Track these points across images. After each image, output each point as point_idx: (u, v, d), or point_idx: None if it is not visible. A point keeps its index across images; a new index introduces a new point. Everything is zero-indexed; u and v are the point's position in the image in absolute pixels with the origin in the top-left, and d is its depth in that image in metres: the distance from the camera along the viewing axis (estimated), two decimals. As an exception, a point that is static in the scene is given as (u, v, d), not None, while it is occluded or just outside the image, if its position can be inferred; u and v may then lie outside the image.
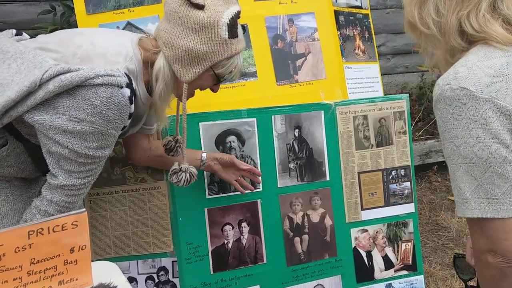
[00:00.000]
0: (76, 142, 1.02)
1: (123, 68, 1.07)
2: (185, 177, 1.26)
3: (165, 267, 1.58)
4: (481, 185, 0.83)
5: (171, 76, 1.15)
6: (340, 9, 1.89)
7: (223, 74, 1.17)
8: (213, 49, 1.10)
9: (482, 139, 0.82)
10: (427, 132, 3.40)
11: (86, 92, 1.01)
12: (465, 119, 0.83)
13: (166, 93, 1.16)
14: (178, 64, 1.12)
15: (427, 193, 3.09)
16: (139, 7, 1.68)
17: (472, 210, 0.84)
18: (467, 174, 0.85)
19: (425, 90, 3.52)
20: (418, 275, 1.83)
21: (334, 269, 1.73)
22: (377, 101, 1.78)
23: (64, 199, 1.08)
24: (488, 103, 0.81)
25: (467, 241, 1.18)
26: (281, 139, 1.66)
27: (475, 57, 0.86)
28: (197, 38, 1.09)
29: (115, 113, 1.03)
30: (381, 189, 1.79)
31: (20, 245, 0.80)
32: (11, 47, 1.08)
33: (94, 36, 1.17)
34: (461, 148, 0.84)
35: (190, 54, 1.10)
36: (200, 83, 1.19)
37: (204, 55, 1.11)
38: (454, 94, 0.83)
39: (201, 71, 1.13)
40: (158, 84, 1.14)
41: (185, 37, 1.09)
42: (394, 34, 3.91)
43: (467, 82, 0.83)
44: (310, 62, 1.80)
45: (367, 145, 1.76)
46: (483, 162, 0.82)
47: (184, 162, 1.27)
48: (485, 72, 0.83)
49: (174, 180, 1.27)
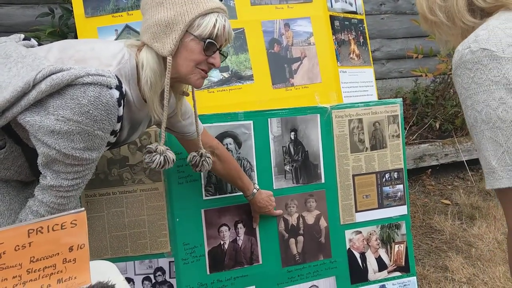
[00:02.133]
0: (63, 143, 1.02)
1: (114, 70, 1.07)
2: (159, 159, 1.19)
3: (162, 268, 1.59)
4: (507, 151, 0.77)
5: (155, 59, 1.12)
6: (335, 14, 1.92)
7: (204, 34, 1.11)
8: (180, 10, 1.09)
9: (506, 99, 0.76)
10: (421, 136, 3.44)
11: (74, 91, 1.01)
12: (487, 81, 0.78)
13: (153, 79, 1.12)
14: (156, 42, 1.11)
15: (420, 196, 3.11)
16: (138, 10, 1.69)
17: (500, 180, 0.78)
18: (491, 141, 0.79)
19: (419, 94, 3.56)
20: (411, 277, 1.86)
21: (329, 270, 1.75)
22: (371, 105, 1.81)
23: (53, 200, 1.08)
24: (510, 62, 0.77)
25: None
26: (277, 141, 1.68)
27: (496, 21, 0.83)
28: (163, 8, 1.10)
29: (102, 113, 1.03)
30: (375, 191, 1.81)
31: (20, 243, 0.81)
32: (15, 51, 1.09)
33: (96, 43, 1.18)
34: (483, 112, 0.79)
35: (160, 25, 1.09)
36: (188, 54, 1.13)
37: (174, 20, 1.09)
38: (475, 56, 0.79)
39: (177, 36, 1.09)
40: (143, 71, 1.12)
41: (153, 14, 1.11)
42: (389, 39, 3.95)
43: (488, 43, 0.79)
44: (305, 66, 1.82)
45: (361, 148, 1.79)
46: (508, 125, 0.77)
47: (161, 143, 1.20)
48: (506, 33, 0.79)
49: (146, 160, 1.20)
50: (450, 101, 3.50)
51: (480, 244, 2.51)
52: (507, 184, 0.77)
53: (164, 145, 1.21)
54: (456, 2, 0.89)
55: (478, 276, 2.22)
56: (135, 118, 1.21)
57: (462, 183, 3.33)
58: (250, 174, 1.64)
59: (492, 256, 2.38)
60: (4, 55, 1.08)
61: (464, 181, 3.35)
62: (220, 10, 1.14)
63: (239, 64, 1.74)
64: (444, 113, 3.49)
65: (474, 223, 2.72)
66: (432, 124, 3.45)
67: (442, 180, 3.35)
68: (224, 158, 1.49)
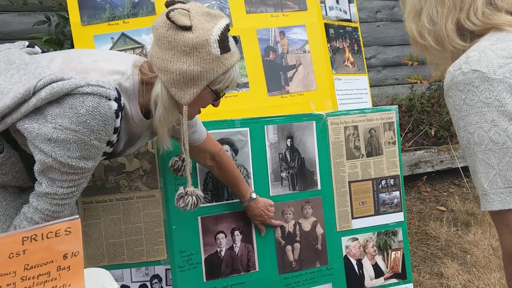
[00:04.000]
0: (59, 151, 1.03)
1: (114, 83, 1.08)
2: (192, 200, 1.27)
3: (158, 275, 1.58)
4: (499, 173, 0.76)
5: (170, 100, 1.14)
6: (330, 22, 1.94)
7: (221, 89, 1.17)
8: (207, 68, 1.10)
9: (498, 122, 0.76)
10: (417, 143, 3.45)
11: (73, 100, 1.02)
12: (478, 103, 0.77)
13: (166, 117, 1.16)
14: (175, 88, 1.12)
15: (416, 203, 3.12)
16: (134, 19, 1.71)
17: (492, 203, 0.77)
18: (483, 163, 0.78)
19: (415, 101, 3.58)
20: (407, 283, 1.85)
21: (325, 277, 1.74)
22: (367, 112, 1.82)
23: (48, 207, 1.08)
24: (502, 83, 0.76)
25: None
26: (273, 148, 1.69)
27: (487, 42, 0.83)
28: (190, 60, 1.08)
29: (99, 124, 1.03)
30: (371, 198, 1.82)
31: (14, 251, 0.81)
32: (18, 58, 1.10)
33: (99, 55, 1.19)
34: (475, 134, 0.78)
35: (185, 76, 1.10)
36: (200, 101, 1.18)
37: (199, 75, 1.10)
38: (466, 78, 0.79)
39: (198, 91, 1.12)
40: (157, 109, 1.14)
41: (177, 60, 1.09)
42: (385, 47, 3.98)
43: (479, 65, 0.78)
44: (301, 73, 1.84)
45: (357, 155, 1.80)
46: (500, 147, 0.76)
47: (189, 185, 1.27)
48: (498, 54, 0.79)
49: (181, 205, 1.28)
50: (445, 108, 3.52)
51: (475, 250, 2.52)
52: (498, 206, 0.77)
53: (192, 186, 1.28)
54: (445, 26, 0.89)
55: (473, 283, 2.22)
56: (133, 132, 1.22)
57: (457, 189, 3.34)
58: (246, 181, 1.64)
59: (487, 262, 2.38)
60: (8, 61, 1.09)
61: (459, 188, 3.36)
62: (237, 61, 1.17)
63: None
64: (439, 120, 3.51)
65: (470, 230, 2.73)
66: (428, 131, 3.47)
67: (438, 187, 3.36)
68: (223, 165, 1.51)
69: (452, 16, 0.88)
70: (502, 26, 0.84)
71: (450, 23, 0.88)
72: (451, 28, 0.89)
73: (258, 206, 1.60)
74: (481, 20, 0.86)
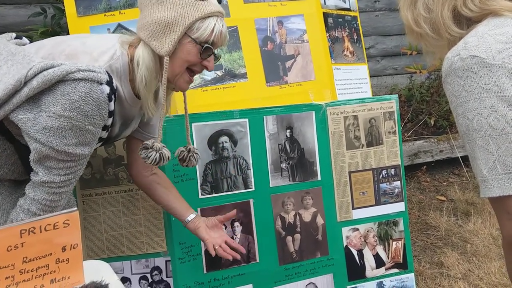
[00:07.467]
0: (55, 140, 1.02)
1: (105, 66, 1.08)
2: (154, 155, 1.19)
3: (158, 267, 1.58)
4: (498, 160, 0.76)
5: (151, 57, 1.13)
6: (329, 11, 1.92)
7: (202, 38, 1.12)
8: (181, 11, 1.09)
9: (497, 107, 0.75)
10: (416, 133, 3.44)
11: (65, 87, 1.01)
12: (477, 89, 0.77)
13: (148, 77, 1.13)
14: (154, 40, 1.11)
15: (416, 193, 3.12)
16: (130, 9, 1.68)
17: (491, 189, 0.77)
18: (482, 149, 0.78)
19: (414, 91, 3.57)
20: (408, 273, 1.86)
21: (326, 268, 1.74)
22: (367, 101, 1.81)
23: (45, 197, 1.08)
24: (501, 69, 0.75)
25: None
26: (273, 139, 1.68)
27: (485, 27, 0.82)
28: (163, 8, 1.09)
29: (93, 109, 1.03)
30: (371, 188, 1.81)
31: (12, 243, 0.80)
32: (4, 49, 1.09)
33: (88, 37, 1.18)
34: (474, 121, 0.78)
35: (160, 24, 1.09)
36: (184, 56, 1.14)
37: (174, 20, 1.09)
38: (464, 64, 0.78)
39: (176, 37, 1.10)
40: (139, 69, 1.12)
41: (152, 12, 1.10)
42: (384, 36, 3.96)
43: (477, 50, 0.77)
44: (299, 63, 1.82)
45: (357, 145, 1.79)
46: (499, 133, 0.76)
47: (158, 140, 1.20)
48: (496, 39, 0.78)
49: (142, 156, 1.20)
50: (444, 97, 3.51)
51: (475, 240, 2.52)
52: (498, 193, 0.77)
53: (161, 143, 1.21)
54: (441, 13, 0.88)
55: (473, 272, 2.23)
56: (127, 114, 1.21)
57: (457, 179, 3.34)
58: (246, 172, 1.63)
59: (487, 251, 2.39)
60: None
61: (459, 177, 3.36)
62: (219, 14, 1.15)
63: (233, 62, 1.74)
64: (439, 110, 3.50)
65: (469, 219, 2.73)
66: (427, 120, 3.46)
67: (437, 177, 3.36)
68: (167, 180, 1.45)
69: (448, 3, 0.88)
70: (500, 11, 0.83)
71: (446, 10, 0.87)
72: (448, 16, 0.88)
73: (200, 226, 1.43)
74: (478, 6, 0.85)
